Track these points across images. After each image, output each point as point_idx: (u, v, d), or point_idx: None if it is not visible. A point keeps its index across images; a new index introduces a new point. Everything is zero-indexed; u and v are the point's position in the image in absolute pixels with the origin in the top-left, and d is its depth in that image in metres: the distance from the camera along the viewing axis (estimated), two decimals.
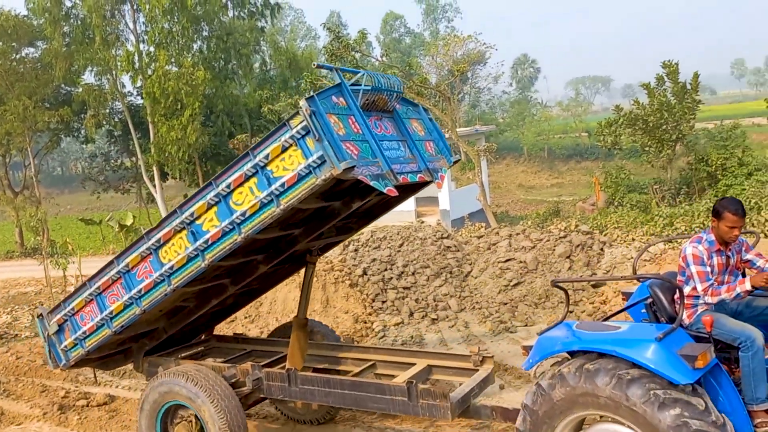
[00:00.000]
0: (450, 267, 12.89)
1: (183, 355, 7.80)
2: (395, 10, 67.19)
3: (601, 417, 4.43)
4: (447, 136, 29.63)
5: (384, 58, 27.05)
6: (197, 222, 5.83)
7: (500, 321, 11.08)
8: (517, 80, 64.92)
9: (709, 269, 4.57)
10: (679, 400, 3.97)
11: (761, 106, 27.88)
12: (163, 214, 32.89)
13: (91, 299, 6.67)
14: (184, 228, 5.91)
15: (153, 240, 6.12)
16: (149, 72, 28.62)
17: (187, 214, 5.86)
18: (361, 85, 5.68)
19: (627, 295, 5.45)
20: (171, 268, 6.03)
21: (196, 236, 5.85)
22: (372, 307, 12.05)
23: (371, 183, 5.22)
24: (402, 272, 12.73)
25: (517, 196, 43.83)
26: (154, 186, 31.40)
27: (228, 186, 5.60)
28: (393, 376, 6.62)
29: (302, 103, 5.12)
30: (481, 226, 18.41)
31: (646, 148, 27.94)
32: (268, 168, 5.41)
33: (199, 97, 27.56)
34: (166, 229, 6.02)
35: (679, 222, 18.90)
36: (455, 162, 6.74)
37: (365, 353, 7.41)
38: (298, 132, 5.18)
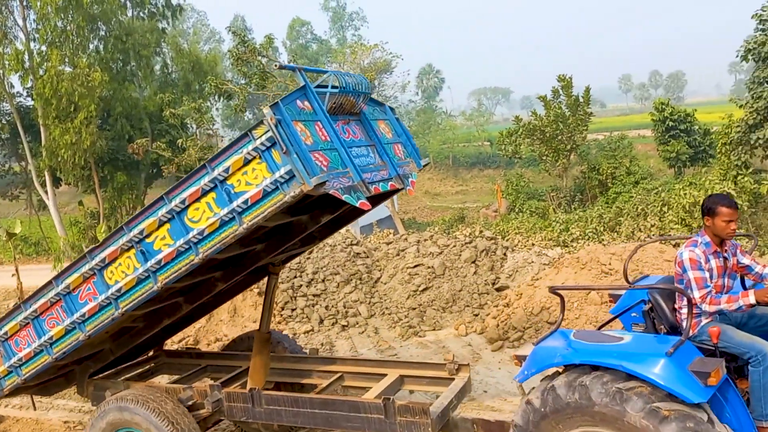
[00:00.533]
0: (360, 273, 12.98)
1: (131, 374, 7.29)
2: (302, 16, 66.90)
3: None
4: None
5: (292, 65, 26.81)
6: (147, 240, 5.35)
7: (409, 326, 11.28)
8: (422, 90, 66.27)
9: (707, 274, 4.33)
10: (682, 413, 3.72)
11: (646, 119, 29.95)
12: (57, 222, 31.31)
13: (27, 323, 6.08)
14: (132, 247, 5.42)
15: (97, 260, 5.59)
16: (41, 72, 27.00)
17: (135, 231, 5.37)
18: (327, 86, 5.27)
19: (615, 297, 5.15)
20: (119, 290, 5.55)
21: (146, 256, 5.38)
22: (281, 315, 11.93)
23: (343, 197, 4.82)
24: (312, 279, 12.69)
25: (424, 203, 44.74)
26: (46, 192, 29.63)
27: (182, 201, 5.13)
28: (363, 389, 6.28)
29: (266, 111, 4.64)
30: (390, 233, 18.68)
31: (544, 157, 29.34)
32: (229, 182, 4.94)
33: (96, 99, 26.30)
34: (112, 248, 5.51)
35: (574, 227, 19.95)
36: (425, 165, 6.32)
37: (332, 365, 7.01)
38: (262, 144, 4.74)
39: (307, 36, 63.85)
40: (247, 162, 4.87)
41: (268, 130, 4.68)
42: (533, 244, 17.97)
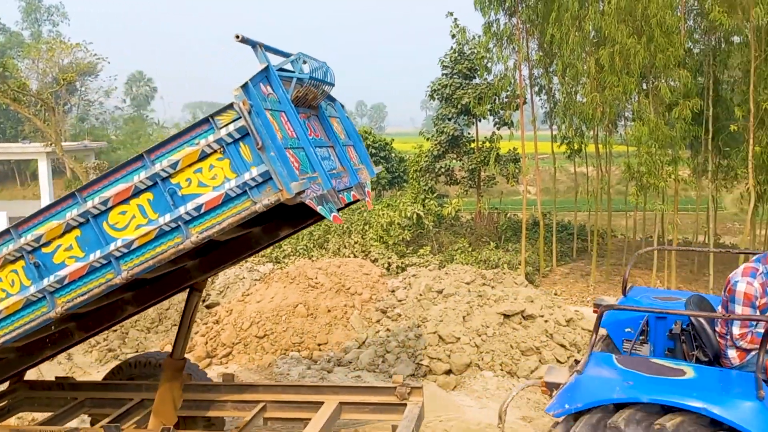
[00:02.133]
0: None
1: None
2: None
3: None
4: (50, 149, 26.55)
5: None
6: (45, 250, 4.15)
7: (108, 349, 10.46)
8: (132, 97, 62.31)
9: (758, 312, 3.91)
10: None
11: None
12: None
13: None
14: (21, 257, 4.20)
15: None
16: None
17: (29, 238, 4.15)
18: (293, 72, 4.36)
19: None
20: None
21: (41, 271, 4.17)
22: None
23: (318, 209, 3.99)
24: None
25: None
26: None
27: (104, 202, 4.00)
28: (295, 421, 5.33)
29: (236, 93, 3.68)
30: None
31: None
32: (174, 181, 3.88)
33: None
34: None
35: (285, 244, 20.56)
36: (376, 174, 5.51)
37: (252, 393, 5.79)
38: (229, 135, 3.76)
39: None
40: (203, 157, 3.86)
41: (239, 117, 3.70)
42: (245, 261, 18.08)
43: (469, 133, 26.13)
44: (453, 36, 23.78)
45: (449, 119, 25.44)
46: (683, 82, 16.24)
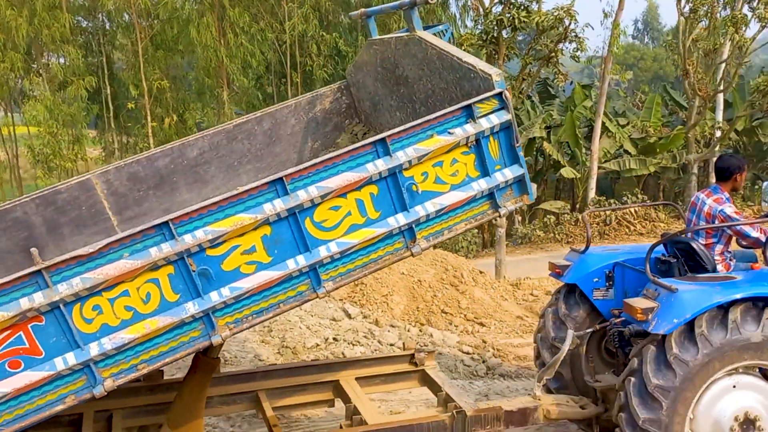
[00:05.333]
0: None
1: None
2: None
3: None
4: None
5: None
6: (210, 253, 3.01)
7: None
8: None
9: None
10: None
11: None
12: None
13: None
14: (170, 263, 2.98)
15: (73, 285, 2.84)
16: None
17: (198, 236, 2.96)
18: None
19: (562, 268, 5.11)
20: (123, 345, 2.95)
21: (202, 280, 3.02)
22: None
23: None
24: None
25: None
26: None
27: (323, 192, 3.13)
28: (304, 406, 4.72)
29: (497, 75, 3.36)
30: None
31: None
32: (407, 174, 3.27)
33: None
34: (122, 262, 2.89)
35: None
36: None
37: (247, 382, 4.49)
38: (491, 128, 3.35)
39: None
40: (451, 149, 3.34)
41: (501, 108, 3.36)
42: None
43: None
44: None
45: None
46: (73, 59, 16.02)
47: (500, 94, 3.38)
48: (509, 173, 3.52)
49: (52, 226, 4.47)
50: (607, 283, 5.07)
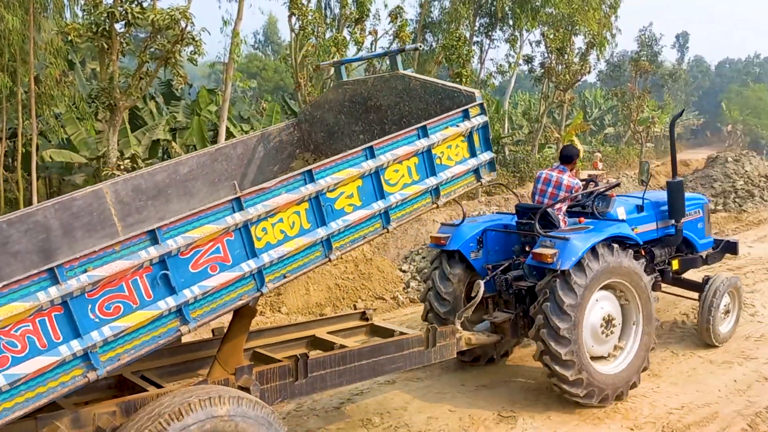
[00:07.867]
0: None
1: None
2: None
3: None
4: None
5: None
6: (330, 195, 4.39)
7: None
8: None
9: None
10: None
11: None
12: None
13: None
14: (308, 200, 4.31)
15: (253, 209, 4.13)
16: None
17: (328, 181, 4.36)
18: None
19: (444, 239, 6.72)
20: (278, 257, 4.26)
21: (324, 215, 4.39)
22: None
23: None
24: None
25: None
26: None
27: (392, 158, 4.65)
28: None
29: (479, 94, 5.17)
30: None
31: None
32: (434, 151, 4.90)
33: None
34: (282, 196, 4.21)
35: None
36: None
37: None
38: (479, 125, 5.11)
39: None
40: (457, 136, 5.00)
41: (481, 114, 5.10)
42: None
43: None
44: None
45: None
46: None
47: (481, 104, 5.07)
48: (486, 156, 5.21)
49: (67, 230, 5.15)
50: (478, 246, 6.69)
